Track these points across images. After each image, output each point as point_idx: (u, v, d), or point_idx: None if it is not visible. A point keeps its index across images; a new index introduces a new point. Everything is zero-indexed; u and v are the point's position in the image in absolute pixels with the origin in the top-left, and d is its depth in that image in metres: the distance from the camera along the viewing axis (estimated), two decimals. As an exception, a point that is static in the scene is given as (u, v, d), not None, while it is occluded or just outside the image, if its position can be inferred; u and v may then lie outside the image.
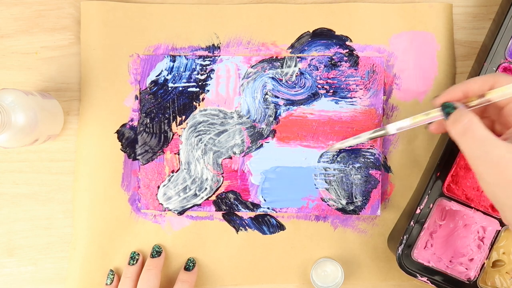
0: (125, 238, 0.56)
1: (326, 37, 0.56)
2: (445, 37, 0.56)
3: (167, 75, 0.56)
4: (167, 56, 0.55)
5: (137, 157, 0.56)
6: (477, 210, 0.51)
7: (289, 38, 0.56)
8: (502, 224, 0.51)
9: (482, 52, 0.55)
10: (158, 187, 0.56)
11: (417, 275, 0.51)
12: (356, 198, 0.55)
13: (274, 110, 0.55)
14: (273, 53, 0.56)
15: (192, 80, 0.56)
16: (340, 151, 0.55)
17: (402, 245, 0.51)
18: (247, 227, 0.56)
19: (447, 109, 0.43)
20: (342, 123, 0.55)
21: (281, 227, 0.56)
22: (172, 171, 0.56)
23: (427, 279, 0.51)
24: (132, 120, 0.56)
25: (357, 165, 0.55)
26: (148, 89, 0.56)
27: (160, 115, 0.56)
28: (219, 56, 0.56)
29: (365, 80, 0.55)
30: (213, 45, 0.56)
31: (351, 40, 0.56)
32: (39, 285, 0.57)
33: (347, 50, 0.55)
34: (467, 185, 0.53)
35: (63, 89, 0.57)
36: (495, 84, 0.42)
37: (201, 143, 0.56)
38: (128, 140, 0.56)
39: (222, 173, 0.56)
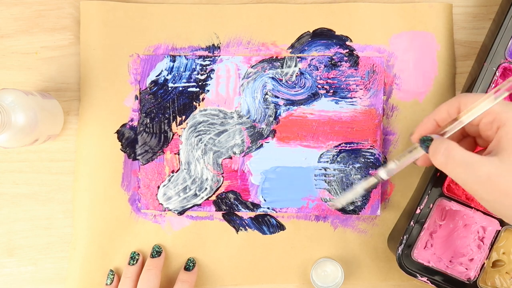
0: (125, 238, 0.56)
1: (326, 37, 0.56)
2: (445, 37, 0.56)
3: (167, 75, 0.56)
4: (167, 56, 0.55)
5: (137, 157, 0.56)
6: (477, 210, 0.51)
7: (289, 38, 0.56)
8: (502, 224, 0.51)
9: (482, 52, 0.55)
10: (158, 187, 0.56)
11: (417, 275, 0.51)
12: (356, 198, 0.55)
13: (274, 110, 0.55)
14: (273, 53, 0.56)
15: (192, 80, 0.56)
16: (340, 151, 0.55)
17: (402, 245, 0.51)
18: (247, 227, 0.56)
19: (425, 143, 0.43)
20: (342, 123, 0.55)
21: (281, 227, 0.56)
22: (172, 171, 0.56)
23: (427, 279, 0.51)
24: (132, 120, 0.56)
25: (357, 165, 0.55)
26: (148, 89, 0.56)
27: (160, 115, 0.56)
28: (219, 56, 0.56)
29: (365, 80, 0.55)
30: (213, 45, 0.56)
31: (351, 40, 0.56)
32: (39, 285, 0.57)
33: (347, 50, 0.55)
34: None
35: (63, 89, 0.57)
36: (461, 106, 0.42)
37: (201, 143, 0.56)
38: (128, 140, 0.56)
39: (222, 173, 0.56)
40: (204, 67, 0.56)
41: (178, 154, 0.56)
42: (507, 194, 0.38)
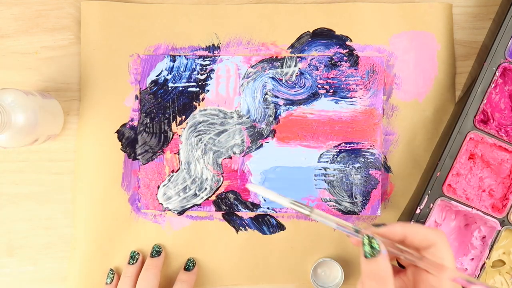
0: (125, 237, 0.56)
1: (326, 37, 0.56)
2: (445, 37, 0.56)
3: (167, 75, 0.56)
4: (167, 56, 0.55)
5: (137, 157, 0.56)
6: (477, 210, 0.51)
7: (289, 38, 0.56)
8: (502, 224, 0.51)
9: (482, 52, 0.55)
10: (158, 187, 0.56)
11: (417, 275, 0.51)
12: (356, 198, 0.55)
13: (274, 110, 0.55)
14: (273, 53, 0.56)
15: (192, 80, 0.56)
16: (340, 151, 0.55)
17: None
18: (247, 227, 0.56)
19: (371, 250, 0.37)
20: (342, 123, 0.55)
21: (281, 227, 0.56)
22: (172, 171, 0.56)
23: (427, 279, 0.51)
24: (132, 120, 0.56)
25: (357, 165, 0.55)
26: (148, 89, 0.56)
27: (160, 115, 0.56)
28: (219, 56, 0.56)
29: (365, 80, 0.55)
30: (213, 45, 0.56)
31: (351, 40, 0.56)
32: (39, 285, 0.57)
33: (347, 50, 0.55)
34: (467, 185, 0.53)
35: (63, 89, 0.57)
36: (434, 244, 0.38)
37: (201, 143, 0.56)
38: (128, 140, 0.56)
39: (222, 173, 0.56)
40: (204, 67, 0.56)
41: (178, 154, 0.56)
42: None
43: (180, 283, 0.53)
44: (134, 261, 0.55)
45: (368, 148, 0.55)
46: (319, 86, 0.55)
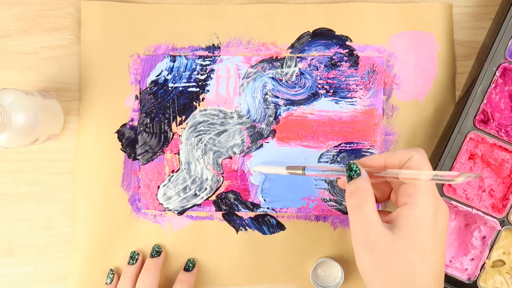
0: (125, 238, 0.56)
1: (326, 37, 0.56)
2: (445, 37, 0.56)
3: (167, 75, 0.56)
4: (167, 56, 0.55)
5: (137, 157, 0.56)
6: (477, 210, 0.51)
7: (289, 38, 0.56)
8: (502, 224, 0.51)
9: (482, 52, 0.55)
10: (158, 187, 0.56)
11: (417, 275, 0.51)
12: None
13: (274, 110, 0.55)
14: (273, 53, 0.56)
15: (192, 80, 0.56)
16: (340, 151, 0.55)
17: (402, 245, 0.51)
18: (247, 227, 0.56)
19: (351, 172, 0.42)
20: (342, 123, 0.55)
21: (281, 227, 0.56)
22: (172, 171, 0.56)
23: (427, 279, 0.51)
24: (132, 120, 0.56)
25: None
26: (148, 89, 0.56)
27: (160, 115, 0.56)
28: (219, 56, 0.56)
29: (365, 80, 0.55)
30: (213, 45, 0.56)
31: (351, 40, 0.56)
32: (39, 285, 0.57)
33: (347, 50, 0.55)
34: (467, 185, 0.53)
35: (63, 89, 0.57)
36: (410, 158, 0.41)
37: (201, 143, 0.56)
38: (128, 140, 0.56)
39: (222, 173, 0.56)
40: (204, 67, 0.56)
41: (178, 154, 0.56)
42: (378, 267, 0.39)
43: (180, 283, 0.53)
44: (134, 261, 0.55)
45: (368, 148, 0.55)
46: (319, 86, 0.55)
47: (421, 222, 0.39)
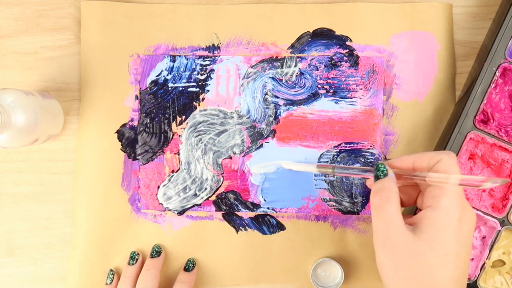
0: (125, 238, 0.56)
1: (326, 37, 0.56)
2: (445, 37, 0.56)
3: (167, 75, 0.56)
4: (167, 56, 0.55)
5: (137, 157, 0.56)
6: (477, 210, 0.51)
7: (289, 38, 0.56)
8: (502, 224, 0.51)
9: (482, 52, 0.55)
10: (158, 187, 0.56)
11: (417, 275, 0.51)
12: (356, 198, 0.55)
13: (274, 110, 0.55)
14: (273, 53, 0.56)
15: (192, 80, 0.56)
16: (340, 151, 0.55)
17: (402, 245, 0.51)
18: (247, 227, 0.56)
19: (378, 172, 0.42)
20: (342, 123, 0.55)
21: (281, 227, 0.56)
22: (172, 171, 0.56)
23: (427, 279, 0.51)
24: (132, 120, 0.56)
25: (357, 165, 0.55)
26: (148, 89, 0.56)
27: (160, 115, 0.56)
28: (219, 56, 0.56)
29: (365, 80, 0.55)
30: (213, 45, 0.56)
31: (351, 40, 0.56)
32: (39, 285, 0.57)
33: (347, 50, 0.55)
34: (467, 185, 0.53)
35: (63, 89, 0.57)
36: (440, 160, 0.40)
37: (201, 143, 0.56)
38: (128, 140, 0.56)
39: (222, 173, 0.56)
40: (204, 67, 0.56)
41: (178, 154, 0.56)
42: (397, 268, 0.39)
43: (180, 283, 0.53)
44: (134, 262, 0.55)
45: (368, 148, 0.55)
46: (319, 86, 0.55)
47: (444, 225, 0.39)
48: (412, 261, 0.38)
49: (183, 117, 0.56)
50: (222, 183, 0.56)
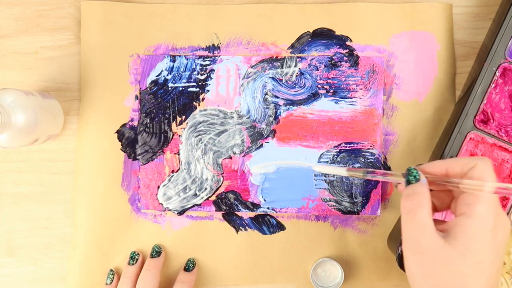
0: (125, 238, 0.56)
1: (326, 37, 0.56)
2: (445, 37, 0.56)
3: (167, 75, 0.56)
4: (167, 56, 0.55)
5: (137, 157, 0.56)
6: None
7: (289, 38, 0.56)
8: (502, 224, 0.51)
9: (482, 52, 0.55)
10: (158, 187, 0.56)
11: (417, 275, 0.51)
12: (356, 198, 0.55)
13: (274, 110, 0.55)
14: (273, 53, 0.56)
15: (192, 80, 0.56)
16: (340, 151, 0.55)
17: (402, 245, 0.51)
18: (247, 227, 0.56)
19: (410, 177, 0.40)
20: (342, 123, 0.55)
21: (281, 227, 0.56)
22: (172, 171, 0.56)
23: (427, 279, 0.51)
24: (132, 120, 0.56)
25: (357, 165, 0.55)
26: (148, 89, 0.56)
27: (160, 115, 0.56)
28: (219, 56, 0.56)
29: (365, 80, 0.55)
30: (213, 45, 0.56)
31: (351, 40, 0.56)
32: (39, 285, 0.57)
33: (347, 50, 0.55)
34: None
35: (63, 89, 0.57)
36: (474, 166, 0.39)
37: (201, 143, 0.56)
38: (128, 140, 0.56)
39: (222, 173, 0.56)
40: (204, 67, 0.56)
41: (178, 154, 0.56)
42: (426, 275, 0.38)
43: (180, 283, 0.53)
44: (134, 262, 0.55)
45: (368, 148, 0.55)
46: (319, 86, 0.55)
47: (478, 233, 0.37)
48: (443, 269, 0.37)
49: (183, 117, 0.56)
50: (222, 183, 0.56)
